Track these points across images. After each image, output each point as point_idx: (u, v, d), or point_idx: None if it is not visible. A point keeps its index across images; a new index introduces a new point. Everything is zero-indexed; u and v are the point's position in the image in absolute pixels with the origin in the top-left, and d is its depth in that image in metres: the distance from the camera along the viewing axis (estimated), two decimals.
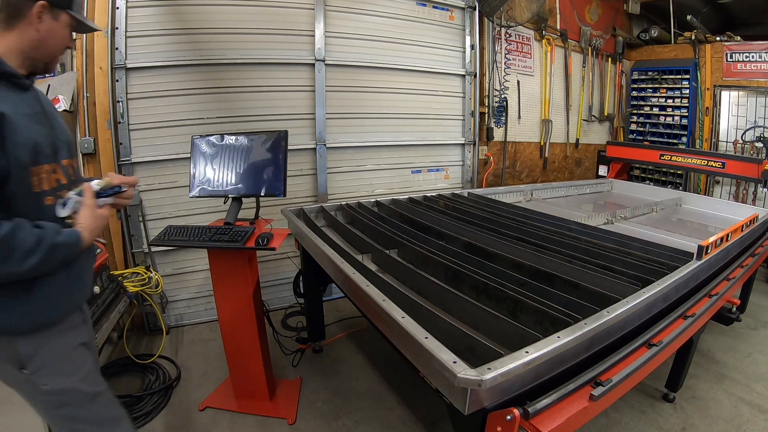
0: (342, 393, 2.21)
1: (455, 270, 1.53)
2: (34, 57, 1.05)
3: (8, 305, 1.00)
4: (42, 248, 0.96)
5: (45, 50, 1.06)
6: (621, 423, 1.97)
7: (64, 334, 1.13)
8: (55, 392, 1.10)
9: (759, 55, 4.21)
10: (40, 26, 1.03)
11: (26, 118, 1.01)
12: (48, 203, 1.05)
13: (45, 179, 1.04)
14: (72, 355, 1.15)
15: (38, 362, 1.07)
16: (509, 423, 0.92)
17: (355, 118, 3.29)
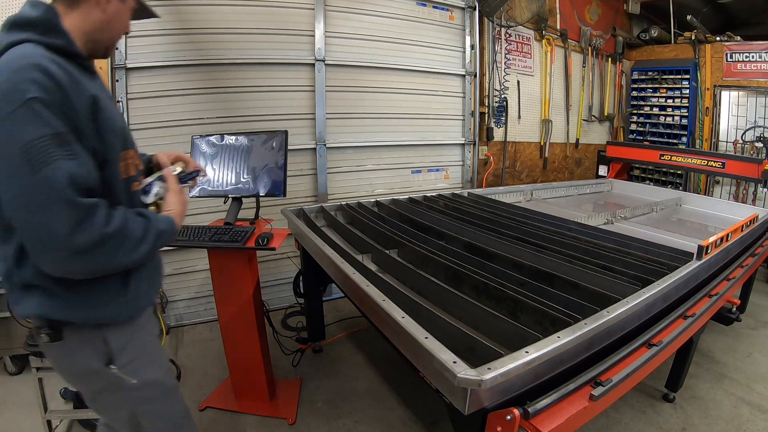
0: (342, 393, 2.21)
1: (455, 270, 1.53)
2: (98, 39, 0.99)
3: (105, 297, 0.97)
4: (149, 236, 0.95)
5: (109, 33, 1.01)
6: (621, 423, 1.97)
7: (146, 324, 1.11)
8: (142, 386, 1.06)
9: (759, 55, 4.22)
10: (107, 7, 0.97)
11: (107, 100, 0.99)
12: (134, 189, 1.05)
13: (131, 165, 1.03)
14: (154, 347, 1.15)
15: (128, 355, 1.03)
16: (509, 423, 0.92)
17: (355, 118, 3.29)
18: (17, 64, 0.82)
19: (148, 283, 1.08)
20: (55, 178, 0.78)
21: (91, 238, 0.82)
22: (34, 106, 0.79)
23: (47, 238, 0.80)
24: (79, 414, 1.93)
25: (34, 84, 0.80)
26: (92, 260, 0.85)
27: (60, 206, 0.79)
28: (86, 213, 0.82)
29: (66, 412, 1.99)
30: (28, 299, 0.93)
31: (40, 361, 1.66)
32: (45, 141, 0.78)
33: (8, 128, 0.78)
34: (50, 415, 1.80)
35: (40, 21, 0.89)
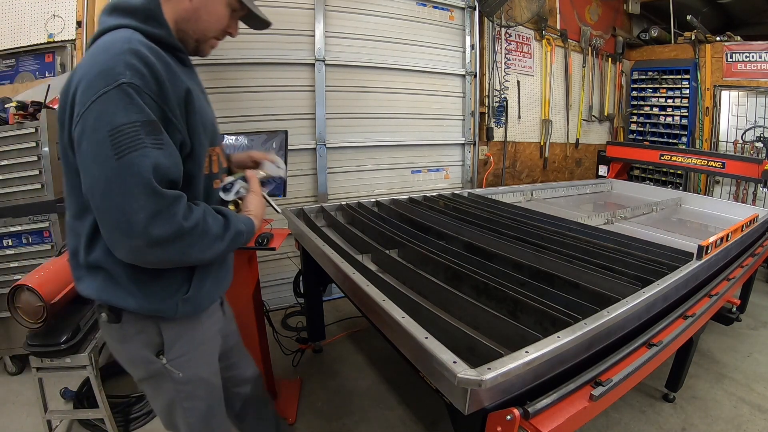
0: (342, 393, 2.21)
1: (455, 270, 1.53)
2: (185, 30, 0.97)
3: (165, 292, 0.97)
4: (228, 235, 0.94)
5: (196, 24, 0.97)
6: (621, 423, 1.97)
7: (205, 321, 1.11)
8: (187, 381, 1.07)
9: (759, 55, 4.22)
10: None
11: (200, 95, 0.99)
12: (216, 186, 1.06)
13: (215, 161, 1.03)
14: (209, 345, 1.14)
15: (179, 350, 1.04)
16: (509, 423, 0.92)
17: (355, 118, 3.29)
18: (116, 48, 0.81)
19: (213, 281, 1.08)
20: (140, 165, 0.77)
21: (170, 230, 0.81)
22: (128, 91, 0.78)
23: (125, 225, 0.78)
24: (79, 414, 1.94)
25: (130, 69, 0.79)
26: (167, 252, 0.84)
27: (142, 194, 0.77)
28: (167, 204, 0.81)
29: (66, 412, 1.99)
30: (91, 280, 0.94)
31: (40, 361, 1.66)
32: (135, 127, 0.78)
33: (99, 109, 0.77)
34: (50, 415, 1.79)
35: (142, 9, 0.89)
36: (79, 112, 0.79)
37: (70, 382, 2.13)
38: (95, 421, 1.90)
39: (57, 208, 2.25)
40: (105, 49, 0.82)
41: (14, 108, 2.18)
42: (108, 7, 0.91)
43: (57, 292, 1.69)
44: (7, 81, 2.61)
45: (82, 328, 1.75)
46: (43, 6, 2.56)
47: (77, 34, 2.58)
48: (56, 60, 2.65)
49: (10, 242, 2.24)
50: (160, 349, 1.02)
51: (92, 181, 0.80)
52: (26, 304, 1.63)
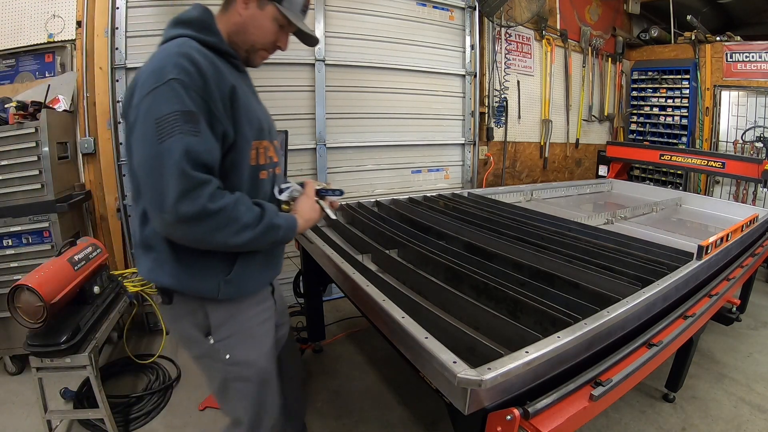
0: (342, 393, 2.21)
1: (455, 270, 1.53)
2: (235, 42, 1.09)
3: (207, 273, 1.04)
4: (260, 226, 0.99)
5: (244, 36, 1.09)
6: (621, 423, 1.97)
7: (253, 308, 1.17)
8: (234, 363, 1.12)
9: (759, 55, 4.22)
10: (243, 11, 1.06)
11: (249, 94, 1.09)
12: (263, 177, 1.11)
13: (262, 154, 1.10)
14: (257, 330, 1.18)
15: (225, 332, 1.11)
16: (509, 423, 0.92)
17: (355, 118, 3.29)
18: (170, 51, 0.95)
19: (259, 267, 1.12)
20: (174, 149, 0.87)
21: (194, 209, 0.88)
22: (173, 86, 0.90)
23: (158, 199, 0.88)
24: (79, 414, 1.94)
25: (177, 68, 0.91)
26: (193, 230, 0.91)
27: (173, 174, 0.87)
28: (195, 185, 0.89)
29: (66, 412, 1.99)
30: (144, 261, 1.05)
31: (40, 361, 1.66)
32: (175, 116, 0.88)
33: (150, 101, 0.90)
34: (50, 415, 1.80)
35: (197, 20, 1.03)
36: (136, 103, 0.92)
37: (70, 382, 2.13)
38: (95, 421, 1.90)
39: (57, 208, 2.25)
40: (161, 53, 0.96)
41: (14, 108, 2.18)
42: (171, 21, 1.06)
43: (57, 292, 1.69)
44: (7, 81, 2.61)
45: (82, 328, 1.75)
46: (43, 6, 2.56)
47: (77, 34, 2.58)
48: (56, 60, 2.65)
49: (10, 242, 2.24)
50: (207, 330, 1.10)
51: (139, 162, 0.92)
52: (26, 304, 1.64)
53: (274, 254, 1.21)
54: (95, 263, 2.01)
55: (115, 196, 2.67)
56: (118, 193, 2.66)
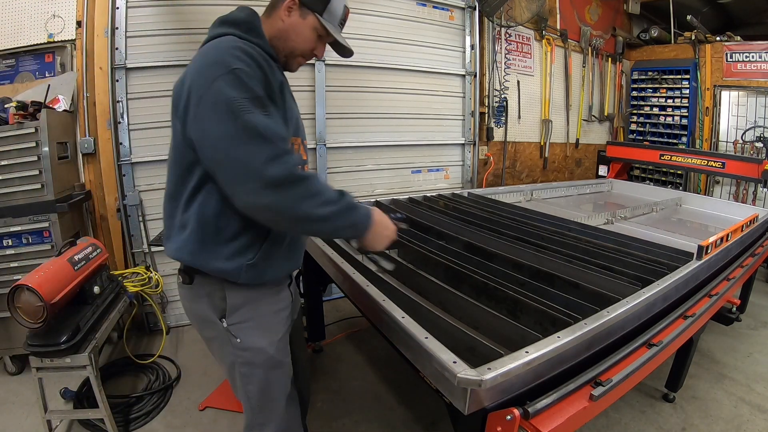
0: (342, 393, 2.21)
1: (455, 270, 1.53)
2: (276, 46, 1.13)
3: (236, 255, 1.06)
4: (341, 203, 1.01)
5: (285, 42, 1.13)
6: (621, 423, 1.97)
7: (271, 296, 1.19)
8: (245, 348, 1.14)
9: (759, 55, 4.21)
10: (286, 18, 1.11)
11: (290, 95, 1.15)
12: None
13: (297, 151, 1.14)
14: (272, 319, 1.20)
15: (240, 316, 1.13)
16: (509, 423, 0.92)
17: (355, 118, 3.29)
18: (225, 45, 1.00)
19: (282, 257, 1.15)
20: (254, 121, 0.91)
21: (284, 172, 0.91)
22: (239, 75, 0.94)
23: (243, 171, 0.91)
24: (79, 414, 1.94)
25: (238, 60, 0.96)
26: (281, 197, 0.92)
27: (258, 143, 0.90)
28: (282, 151, 0.93)
29: (66, 412, 1.99)
30: (175, 240, 1.08)
31: (40, 361, 1.66)
32: (245, 99, 0.93)
33: (218, 87, 0.93)
34: (50, 415, 1.79)
35: (244, 21, 1.08)
36: (201, 95, 0.94)
37: (70, 382, 2.13)
38: (95, 421, 1.90)
39: (57, 208, 2.25)
40: (215, 48, 1.00)
41: (14, 108, 2.18)
42: (217, 21, 1.11)
43: (57, 292, 1.69)
44: (7, 81, 2.61)
45: (82, 328, 1.75)
46: (43, 6, 2.56)
47: (77, 34, 2.58)
48: (56, 60, 2.65)
49: (10, 242, 2.24)
50: (223, 313, 1.13)
51: (216, 141, 0.93)
52: (26, 304, 1.64)
53: (297, 247, 1.23)
54: (95, 263, 2.01)
55: (115, 196, 2.67)
56: (118, 193, 2.66)
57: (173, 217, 1.09)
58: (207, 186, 1.03)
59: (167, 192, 1.11)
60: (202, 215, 1.03)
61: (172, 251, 1.10)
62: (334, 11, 1.14)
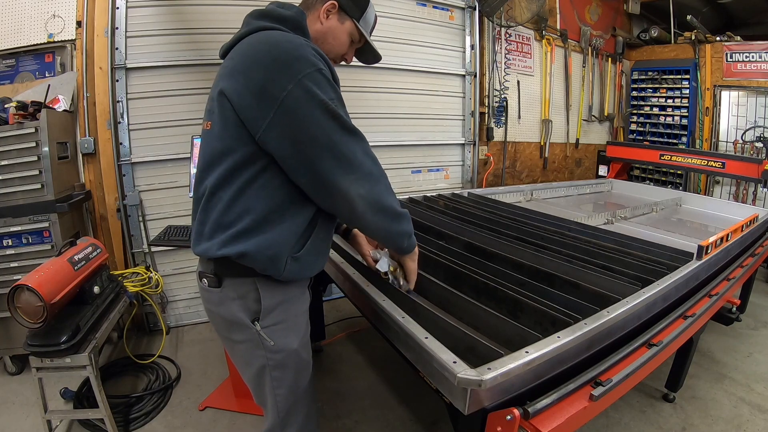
0: (342, 393, 2.21)
1: (455, 270, 1.53)
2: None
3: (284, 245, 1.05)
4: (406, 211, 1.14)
5: (323, 45, 1.14)
6: (621, 423, 1.97)
7: (299, 296, 1.19)
8: (278, 350, 1.13)
9: (759, 55, 4.21)
10: (326, 21, 1.14)
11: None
12: None
13: None
14: (301, 320, 1.20)
15: (274, 318, 1.11)
16: (509, 423, 0.92)
17: (355, 118, 3.23)
18: (297, 42, 0.99)
19: (318, 253, 1.15)
20: (348, 121, 0.98)
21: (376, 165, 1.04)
22: (325, 74, 0.97)
23: (348, 163, 0.97)
24: (79, 414, 1.94)
25: (320, 60, 0.98)
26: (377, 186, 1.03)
27: (356, 139, 0.99)
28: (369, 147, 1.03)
29: (66, 412, 1.99)
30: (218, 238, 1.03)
31: (40, 361, 1.66)
32: (335, 101, 0.98)
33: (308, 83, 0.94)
34: (50, 415, 1.79)
35: (292, 19, 1.07)
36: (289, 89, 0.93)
37: (70, 382, 2.13)
38: (95, 421, 1.90)
39: (57, 208, 2.25)
40: (286, 40, 0.98)
41: (14, 108, 2.18)
42: (257, 13, 1.10)
43: (57, 292, 1.69)
44: (7, 81, 2.61)
45: (82, 328, 1.75)
46: (43, 6, 2.56)
47: (77, 34, 2.58)
48: (56, 60, 2.65)
49: (10, 242, 2.24)
50: (256, 315, 1.10)
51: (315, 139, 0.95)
52: (26, 304, 1.64)
53: (328, 244, 1.23)
54: (95, 263, 2.01)
55: (115, 196, 2.67)
56: (118, 193, 2.66)
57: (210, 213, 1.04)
58: (260, 180, 1.01)
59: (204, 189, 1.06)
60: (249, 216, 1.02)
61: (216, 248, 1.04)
62: (368, 18, 1.20)
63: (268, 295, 1.10)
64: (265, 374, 1.15)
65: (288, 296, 1.14)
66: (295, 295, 1.17)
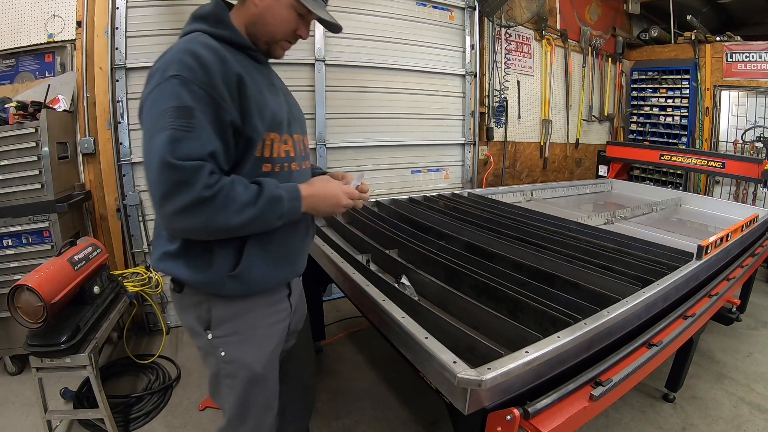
0: (342, 393, 2.21)
1: (455, 270, 1.53)
2: (253, 33, 1.07)
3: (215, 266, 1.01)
4: (261, 201, 0.96)
5: (262, 27, 1.06)
6: (621, 423, 1.97)
7: (264, 308, 1.14)
8: (229, 361, 1.11)
9: (759, 55, 4.21)
10: (259, 2, 1.05)
11: (262, 85, 1.05)
12: (266, 170, 1.05)
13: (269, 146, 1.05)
14: (262, 333, 1.15)
15: (225, 329, 1.09)
16: (509, 423, 0.92)
17: (355, 118, 3.29)
18: (176, 48, 0.96)
19: (269, 263, 1.08)
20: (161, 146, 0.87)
21: (189, 198, 0.87)
22: (172, 82, 0.90)
23: (155, 195, 0.89)
24: (79, 414, 1.94)
25: (179, 64, 0.91)
26: (192, 220, 0.89)
27: (161, 169, 0.86)
28: (186, 175, 0.87)
29: (66, 412, 1.99)
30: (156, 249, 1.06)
31: (40, 361, 1.66)
32: (169, 112, 0.89)
33: (152, 98, 0.92)
34: (50, 415, 1.79)
35: (211, 14, 1.03)
36: (142, 100, 0.95)
37: (70, 382, 2.13)
38: (95, 421, 1.90)
39: (57, 208, 2.25)
40: (169, 50, 0.97)
41: (14, 108, 2.18)
42: (190, 16, 1.06)
43: (57, 292, 1.69)
44: (7, 81, 2.61)
45: (82, 328, 1.75)
46: (43, 6, 2.56)
47: (77, 34, 2.58)
48: (56, 60, 2.65)
49: (10, 242, 2.24)
50: (208, 324, 1.09)
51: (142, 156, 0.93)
52: (26, 304, 1.64)
53: (291, 250, 1.14)
54: (95, 263, 2.01)
55: (115, 196, 2.67)
56: (118, 193, 2.66)
57: (158, 225, 1.07)
58: None
59: None
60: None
61: (154, 262, 1.08)
62: None
63: (217, 307, 1.08)
64: (219, 381, 1.15)
65: (244, 308, 1.10)
66: (257, 306, 1.12)
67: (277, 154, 1.07)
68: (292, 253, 1.16)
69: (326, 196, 1.10)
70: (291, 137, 1.12)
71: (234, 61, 0.98)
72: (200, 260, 1.02)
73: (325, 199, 1.10)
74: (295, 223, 1.11)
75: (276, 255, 1.09)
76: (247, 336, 1.12)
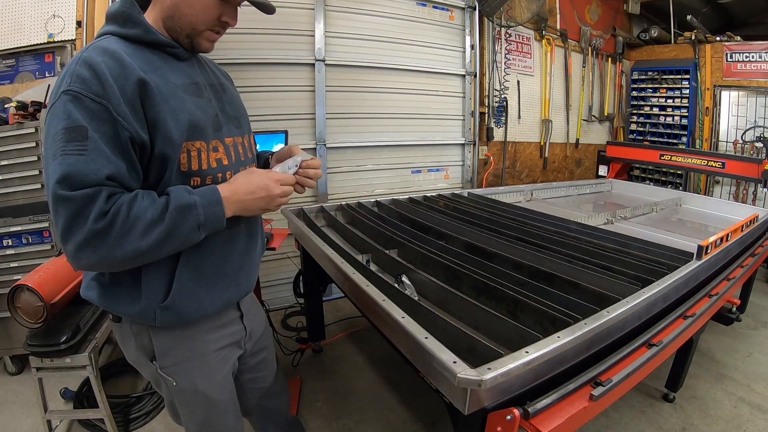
0: (342, 393, 2.21)
1: (455, 270, 1.53)
2: (172, 27, 0.94)
3: (143, 298, 0.92)
4: (169, 214, 0.83)
5: (181, 19, 0.93)
6: (621, 423, 1.97)
7: (210, 333, 1.05)
8: (181, 390, 1.06)
9: (759, 55, 4.21)
10: None
11: (178, 88, 0.92)
12: (194, 184, 0.93)
13: (196, 157, 0.93)
14: (212, 358, 1.07)
15: (171, 358, 1.02)
16: (509, 423, 0.92)
17: (355, 118, 3.29)
18: (75, 57, 0.85)
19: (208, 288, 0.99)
20: (53, 173, 0.77)
21: (83, 234, 0.77)
22: (64, 99, 0.80)
23: (57, 234, 0.79)
24: (79, 414, 1.94)
25: (71, 77, 0.81)
26: (96, 253, 0.79)
27: (55, 203, 0.77)
28: (78, 209, 0.77)
29: (66, 412, 1.99)
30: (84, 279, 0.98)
31: (40, 361, 1.66)
32: (60, 135, 0.78)
33: (48, 119, 0.82)
34: (50, 415, 1.80)
35: (117, 13, 0.92)
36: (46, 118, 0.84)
37: (70, 382, 2.13)
38: (95, 421, 1.90)
39: None
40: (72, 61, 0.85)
41: (14, 108, 2.18)
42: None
43: (57, 292, 1.69)
44: (7, 81, 2.60)
45: (82, 328, 1.75)
46: (43, 6, 2.56)
47: (77, 34, 2.58)
48: (56, 60, 2.64)
49: (10, 242, 2.24)
50: (152, 354, 1.02)
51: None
52: (26, 304, 1.64)
53: (231, 268, 1.04)
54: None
55: None
56: None
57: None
58: None
59: None
60: None
61: (82, 289, 0.98)
62: None
63: (158, 336, 1.00)
64: (176, 409, 1.12)
65: (185, 337, 1.01)
66: (201, 332, 1.03)
67: (207, 165, 0.94)
68: (233, 272, 1.04)
69: (252, 191, 0.94)
70: (221, 143, 0.98)
71: (138, 65, 0.86)
72: (130, 290, 0.92)
73: (252, 195, 0.94)
74: (233, 234, 1.02)
75: (213, 276, 0.99)
76: (196, 363, 1.04)
